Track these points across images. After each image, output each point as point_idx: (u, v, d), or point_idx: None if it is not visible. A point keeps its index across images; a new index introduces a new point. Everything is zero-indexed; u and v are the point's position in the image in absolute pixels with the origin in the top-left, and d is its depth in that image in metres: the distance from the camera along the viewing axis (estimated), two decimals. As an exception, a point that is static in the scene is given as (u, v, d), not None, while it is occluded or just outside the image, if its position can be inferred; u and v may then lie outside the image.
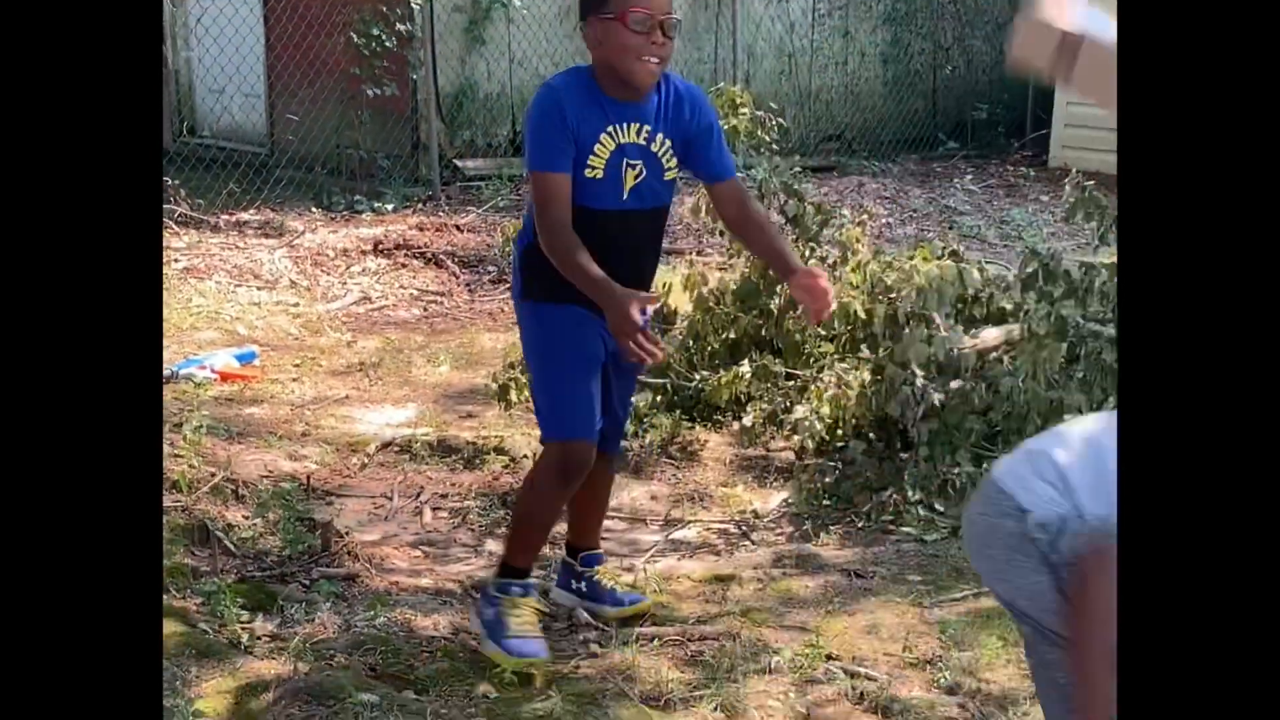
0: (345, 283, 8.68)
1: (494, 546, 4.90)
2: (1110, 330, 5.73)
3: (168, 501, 4.74)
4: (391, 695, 3.76)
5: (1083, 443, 2.73)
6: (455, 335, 7.69)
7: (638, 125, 3.81)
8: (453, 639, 4.18)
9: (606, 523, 5.12)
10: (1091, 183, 6.09)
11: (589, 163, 3.75)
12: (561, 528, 4.43)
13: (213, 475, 5.14)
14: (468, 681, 3.90)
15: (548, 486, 4.04)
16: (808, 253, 5.98)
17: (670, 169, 3.91)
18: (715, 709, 3.77)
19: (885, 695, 3.84)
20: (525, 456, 5.64)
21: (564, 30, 12.03)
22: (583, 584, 4.39)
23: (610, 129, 3.76)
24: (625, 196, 3.83)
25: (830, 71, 13.78)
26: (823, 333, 5.80)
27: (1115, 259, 5.91)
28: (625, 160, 3.80)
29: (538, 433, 5.83)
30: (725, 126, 6.15)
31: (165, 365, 6.42)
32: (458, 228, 9.90)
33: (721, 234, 6.29)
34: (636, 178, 3.84)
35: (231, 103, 11.96)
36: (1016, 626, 3.01)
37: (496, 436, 5.88)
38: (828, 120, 13.79)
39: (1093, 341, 5.65)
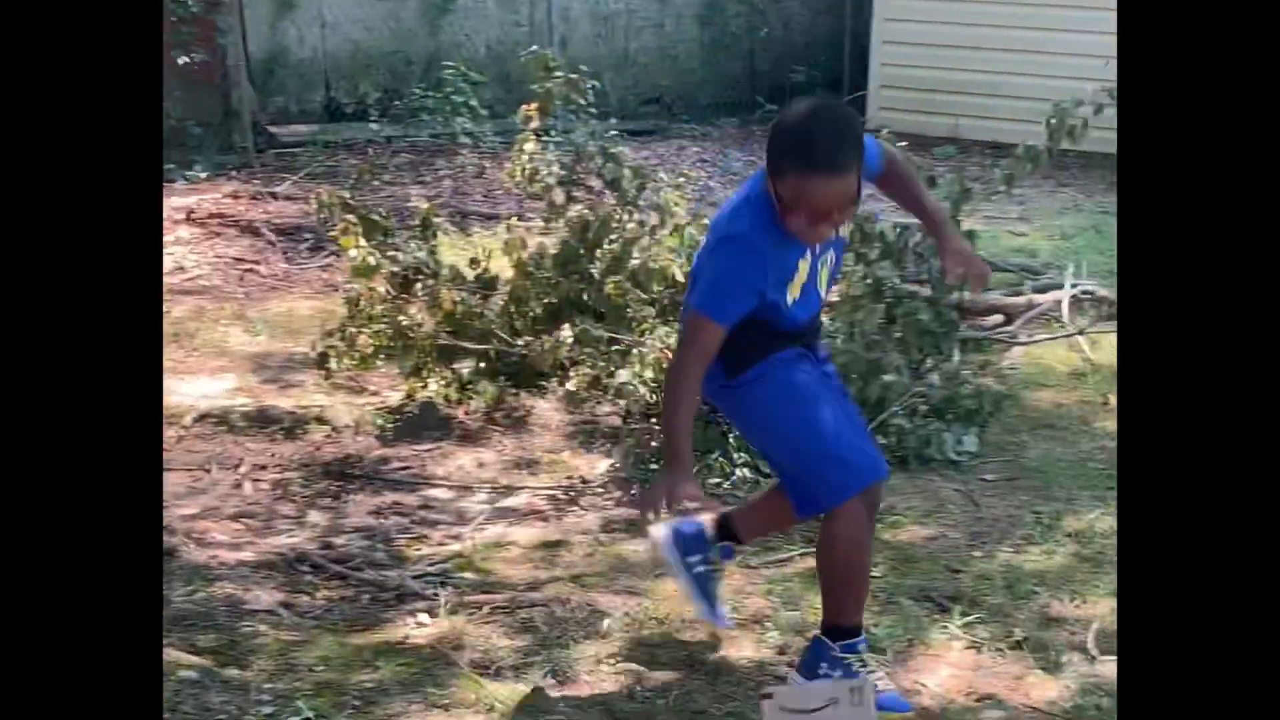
0: (157, 252, 8.49)
1: (317, 517, 4.84)
2: (925, 290, 5.83)
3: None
4: (214, 671, 3.70)
5: None
6: (272, 304, 7.55)
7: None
8: (275, 612, 4.12)
9: (433, 492, 5.09)
10: (905, 143, 6.15)
11: (788, 290, 3.46)
12: None
13: (22, 452, 4.99)
14: (292, 654, 3.85)
15: (856, 539, 3.58)
16: (626, 216, 5.93)
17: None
18: (546, 675, 3.77)
19: (715, 656, 3.87)
20: (347, 426, 5.58)
21: (375, -7, 11.87)
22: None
23: (806, 253, 3.47)
24: (824, 292, 3.62)
25: (647, 34, 13.75)
26: (644, 296, 5.78)
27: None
28: (819, 264, 3.53)
29: (362, 401, 5.84)
30: (539, 90, 6.10)
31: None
32: (273, 195, 9.71)
33: (538, 199, 6.22)
34: (829, 266, 3.59)
35: (35, 69, 11.60)
36: None
37: (316, 406, 5.79)
38: (646, 83, 13.76)
39: (909, 302, 5.73)
